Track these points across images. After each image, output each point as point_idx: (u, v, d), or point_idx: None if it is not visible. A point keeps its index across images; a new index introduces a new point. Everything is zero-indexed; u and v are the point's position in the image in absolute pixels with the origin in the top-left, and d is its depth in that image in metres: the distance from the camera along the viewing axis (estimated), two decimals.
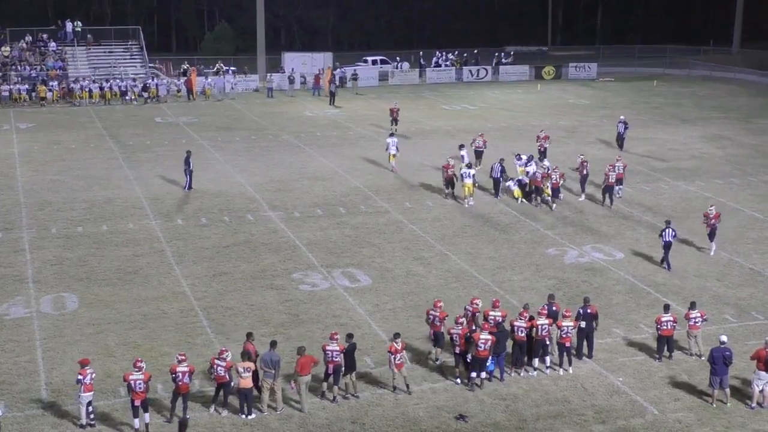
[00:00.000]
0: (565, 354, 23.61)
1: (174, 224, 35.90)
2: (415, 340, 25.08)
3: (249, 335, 22.86)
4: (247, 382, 21.09)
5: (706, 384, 22.47)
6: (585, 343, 24.30)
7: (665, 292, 29.02)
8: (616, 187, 38.80)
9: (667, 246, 31.30)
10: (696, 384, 23.01)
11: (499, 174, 39.16)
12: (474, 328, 23.27)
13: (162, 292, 28.83)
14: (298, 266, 31.27)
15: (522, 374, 23.50)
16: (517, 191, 38.69)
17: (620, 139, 48.67)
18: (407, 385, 22.41)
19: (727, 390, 21.90)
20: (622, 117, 50.34)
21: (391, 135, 45.42)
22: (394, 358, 22.17)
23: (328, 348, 22.00)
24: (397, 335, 22.59)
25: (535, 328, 23.30)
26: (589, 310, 24.03)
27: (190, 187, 40.36)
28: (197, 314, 27.16)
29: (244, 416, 21.15)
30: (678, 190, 41.25)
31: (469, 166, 39.49)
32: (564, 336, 23.37)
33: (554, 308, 24.25)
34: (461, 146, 43.46)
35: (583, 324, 23.90)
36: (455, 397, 22.39)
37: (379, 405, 21.86)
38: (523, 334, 23.38)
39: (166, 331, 25.88)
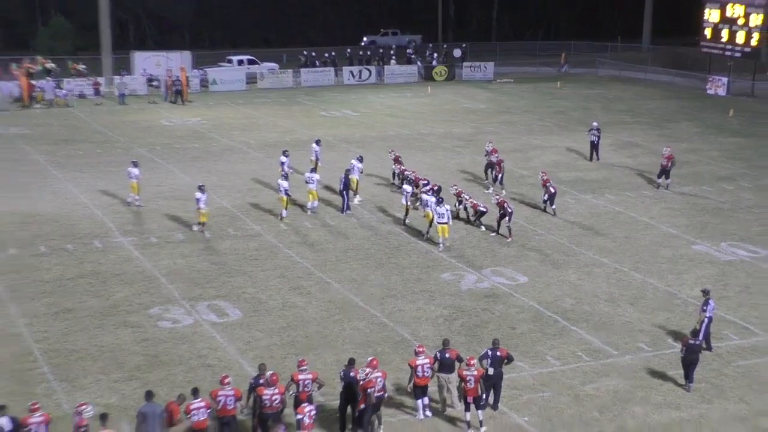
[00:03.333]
0: (473, 407, 23.05)
1: (5, 254, 35.28)
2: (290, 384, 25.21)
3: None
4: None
5: (614, 426, 23.32)
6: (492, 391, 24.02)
7: (574, 319, 29.62)
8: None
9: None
10: (605, 423, 23.75)
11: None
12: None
13: None
14: (156, 300, 30.98)
15: (420, 416, 23.79)
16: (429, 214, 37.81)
17: (593, 149, 50.48)
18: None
19: None
20: (595, 123, 51.51)
21: (134, 164, 43.49)
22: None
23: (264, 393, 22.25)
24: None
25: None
26: (498, 353, 23.77)
27: None
28: (36, 359, 26.66)
29: None
30: (585, 205, 42.23)
31: (312, 171, 41.27)
32: (470, 387, 22.83)
33: (498, 353, 23.71)
34: (284, 152, 44.44)
35: (491, 370, 23.56)
36: None
37: None
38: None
39: (1, 379, 25.44)
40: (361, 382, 22.51)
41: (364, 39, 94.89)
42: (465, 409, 23.35)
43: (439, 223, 36.18)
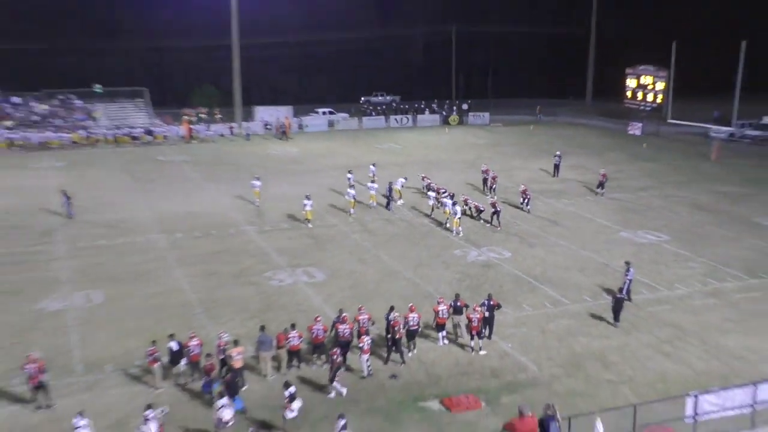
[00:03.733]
0: (476, 338, 23.46)
1: (175, 237, 35.70)
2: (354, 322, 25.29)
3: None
4: (238, 362, 21.04)
5: (567, 350, 23.22)
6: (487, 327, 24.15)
7: (541, 280, 29.60)
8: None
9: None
10: (562, 348, 23.69)
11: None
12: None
13: (166, 288, 28.72)
14: (269, 267, 31.28)
15: (440, 343, 23.91)
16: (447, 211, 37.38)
17: (556, 169, 50.21)
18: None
19: None
20: (557, 152, 51.53)
21: (256, 178, 43.19)
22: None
23: (313, 327, 22.46)
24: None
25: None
26: (491, 302, 24.00)
27: (73, 215, 38.98)
28: (194, 305, 27.12)
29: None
30: (550, 206, 41.87)
31: (372, 181, 42.13)
32: (474, 325, 23.31)
33: (491, 303, 23.95)
34: (350, 171, 45.38)
35: (486, 313, 23.77)
36: (389, 363, 22.75)
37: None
38: (444, 316, 23.91)
39: (171, 317, 25.81)
40: (391, 322, 22.73)
41: (362, 98, 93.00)
42: (471, 338, 23.53)
43: (458, 218, 36.23)
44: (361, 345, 21.87)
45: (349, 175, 44.13)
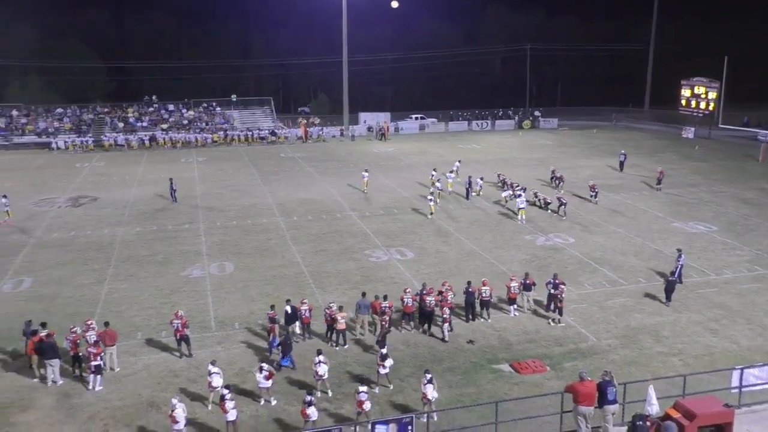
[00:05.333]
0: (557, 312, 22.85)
1: (292, 220, 36.16)
2: (438, 294, 24.89)
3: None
4: (341, 325, 21.05)
5: (624, 324, 22.18)
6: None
7: (601, 263, 28.46)
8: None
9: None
10: (618, 322, 22.66)
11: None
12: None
13: (284, 262, 29.06)
14: (368, 246, 31.25)
15: (512, 315, 23.27)
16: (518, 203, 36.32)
17: (621, 165, 48.93)
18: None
19: None
20: (622, 151, 50.52)
21: (365, 170, 43.62)
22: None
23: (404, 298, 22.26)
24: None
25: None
26: (557, 281, 23.13)
27: (176, 200, 39.74)
28: (306, 276, 27.34)
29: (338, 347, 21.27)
30: (609, 199, 40.30)
31: (451, 171, 42.64)
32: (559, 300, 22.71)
33: (557, 281, 23.00)
34: (434, 169, 45.01)
35: (553, 290, 22.95)
36: (466, 329, 22.31)
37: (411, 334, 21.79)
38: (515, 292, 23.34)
39: (287, 286, 26.10)
40: (443, 293, 22.30)
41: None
42: (555, 312, 22.83)
43: (520, 208, 35.30)
44: (444, 316, 21.52)
45: (433, 172, 43.62)
